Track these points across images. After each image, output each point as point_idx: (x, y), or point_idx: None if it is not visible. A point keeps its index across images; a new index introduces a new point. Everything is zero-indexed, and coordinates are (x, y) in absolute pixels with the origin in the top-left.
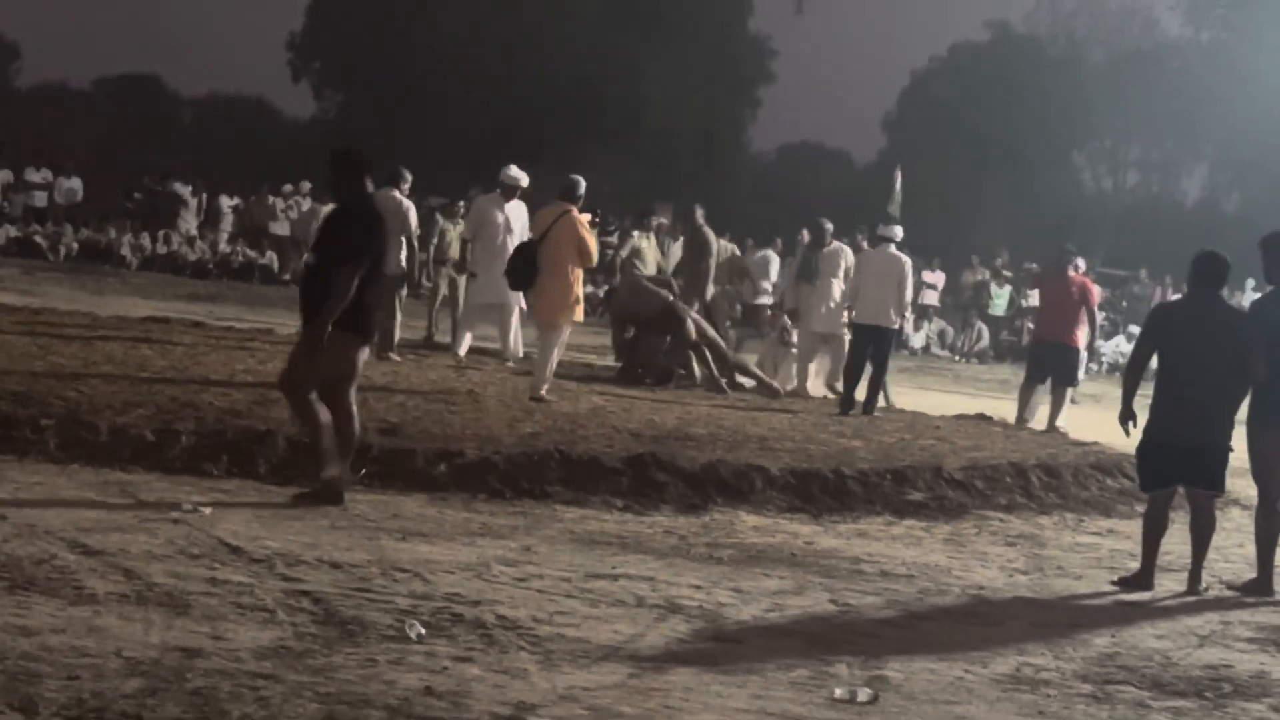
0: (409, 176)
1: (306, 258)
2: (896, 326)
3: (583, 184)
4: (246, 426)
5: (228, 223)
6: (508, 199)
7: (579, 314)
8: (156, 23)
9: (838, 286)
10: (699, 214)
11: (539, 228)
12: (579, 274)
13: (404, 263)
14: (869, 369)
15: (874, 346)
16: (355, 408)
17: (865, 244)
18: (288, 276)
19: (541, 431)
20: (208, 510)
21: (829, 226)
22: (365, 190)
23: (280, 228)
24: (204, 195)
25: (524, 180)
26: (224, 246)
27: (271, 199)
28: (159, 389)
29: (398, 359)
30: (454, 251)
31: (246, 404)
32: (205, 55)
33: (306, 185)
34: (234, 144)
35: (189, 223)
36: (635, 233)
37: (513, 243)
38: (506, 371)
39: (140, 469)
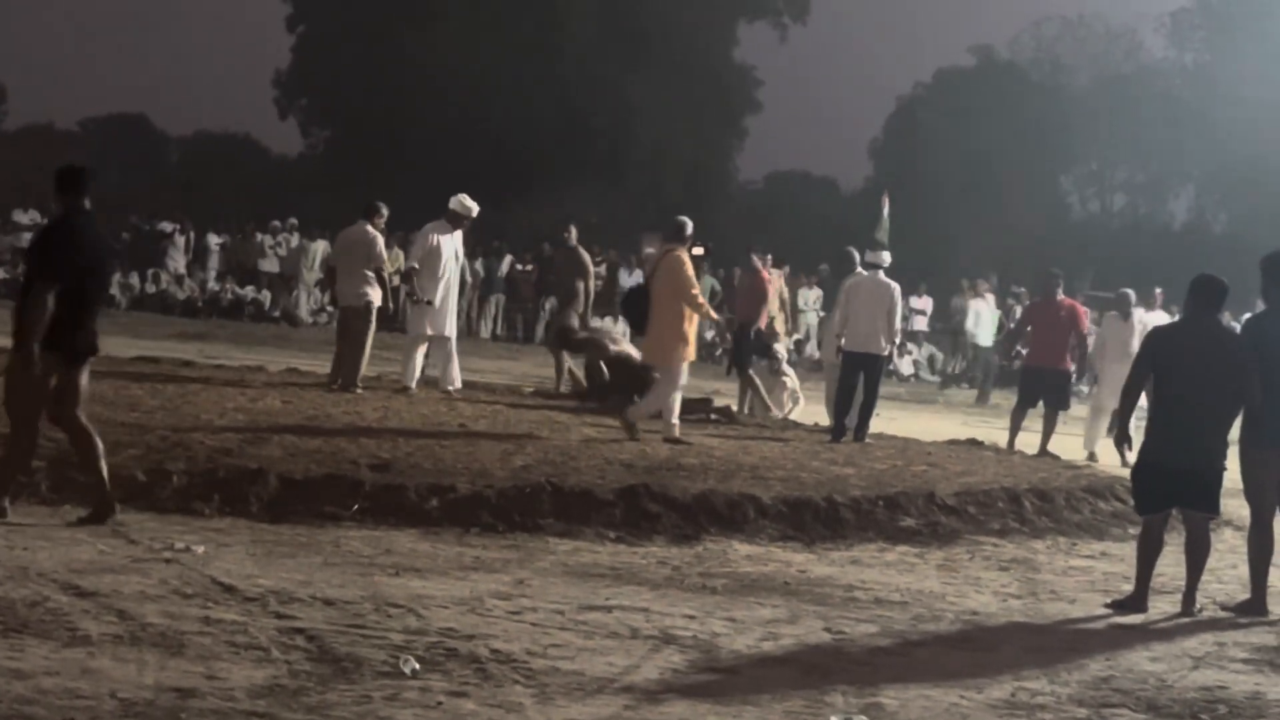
0: (384, 210)
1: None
2: (886, 354)
3: (689, 225)
4: (238, 465)
5: (215, 260)
6: (455, 228)
7: (690, 353)
8: (142, 62)
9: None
10: (573, 235)
11: (647, 270)
12: (688, 313)
13: (369, 295)
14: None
15: (864, 374)
16: (89, 426)
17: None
18: (277, 314)
19: (533, 464)
20: (200, 549)
21: (856, 255)
22: (74, 208)
23: (269, 264)
24: (192, 233)
25: (475, 210)
26: (212, 284)
27: (259, 236)
28: (150, 429)
29: (360, 392)
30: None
31: (237, 442)
32: (192, 94)
33: (294, 221)
34: (222, 181)
35: (177, 261)
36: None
37: (455, 272)
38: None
39: (132, 509)
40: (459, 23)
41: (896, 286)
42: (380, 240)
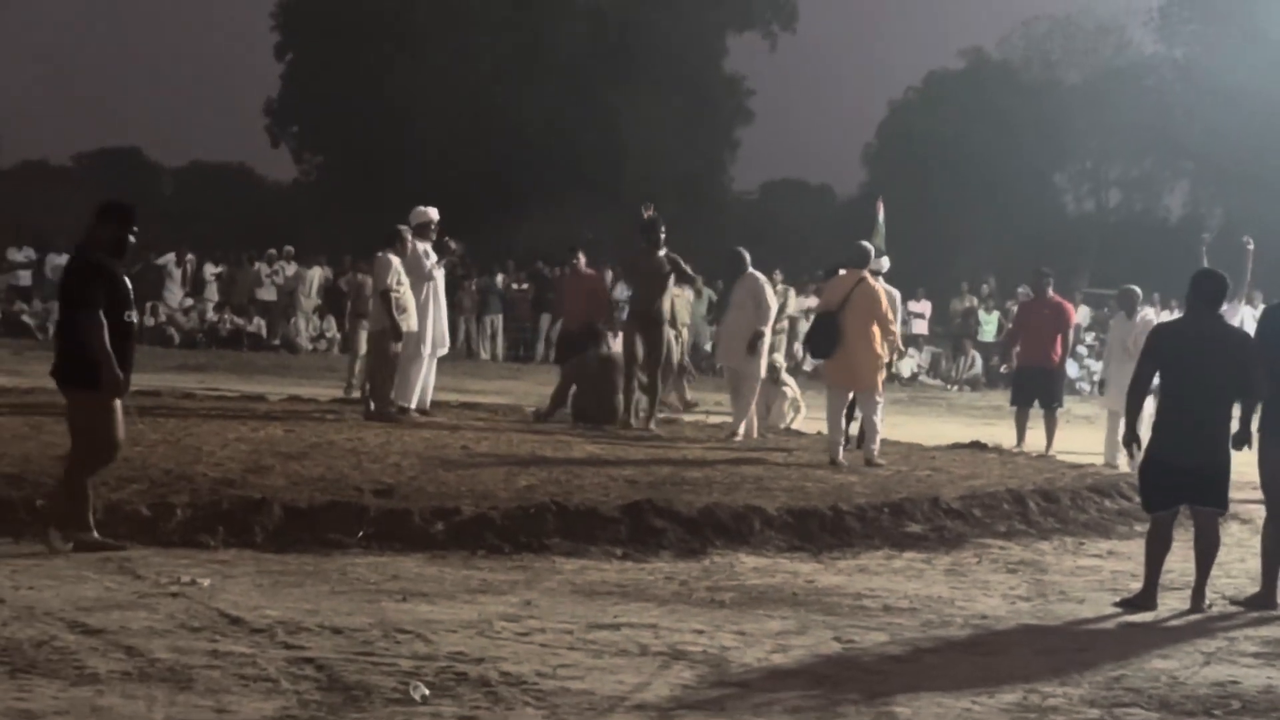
0: (406, 235)
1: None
2: (886, 360)
3: (872, 250)
4: (241, 496)
5: (212, 290)
6: (423, 240)
7: (883, 375)
8: (133, 95)
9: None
10: (581, 259)
11: (835, 297)
12: (880, 336)
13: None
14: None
15: None
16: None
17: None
18: (277, 342)
19: (537, 484)
20: (206, 582)
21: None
22: (93, 241)
23: (266, 293)
24: (189, 264)
25: (431, 214)
26: (210, 315)
27: (256, 265)
28: (152, 463)
29: (394, 413)
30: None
31: (240, 473)
32: (183, 125)
33: (290, 249)
34: (217, 211)
35: (175, 293)
36: None
37: (437, 286)
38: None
39: (137, 544)
40: (447, 44)
41: (895, 292)
42: (389, 265)
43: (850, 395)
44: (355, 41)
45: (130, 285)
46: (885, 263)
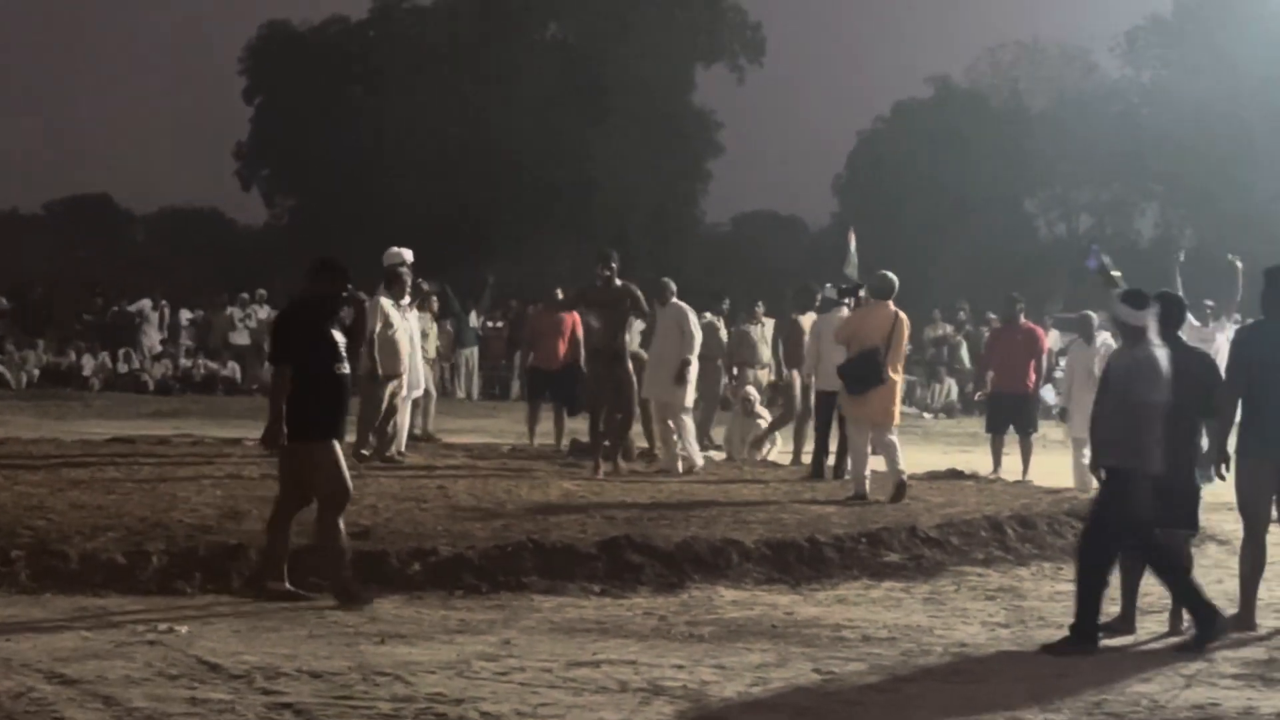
0: (406, 276)
1: None
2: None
3: (895, 280)
4: (217, 542)
5: (186, 336)
6: (398, 282)
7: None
8: (103, 142)
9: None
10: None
11: (875, 331)
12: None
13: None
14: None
15: (838, 411)
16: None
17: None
18: (255, 386)
19: (514, 522)
20: (184, 629)
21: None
22: (304, 297)
23: (240, 337)
24: (163, 310)
25: (405, 256)
26: (184, 360)
27: (229, 309)
28: (128, 511)
29: (366, 454)
30: None
31: (216, 519)
32: (153, 171)
33: (263, 293)
34: (189, 257)
35: (152, 339)
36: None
37: (410, 328)
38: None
39: (113, 593)
40: (415, 84)
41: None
42: (376, 308)
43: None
44: (324, 83)
45: (341, 338)
46: (830, 290)
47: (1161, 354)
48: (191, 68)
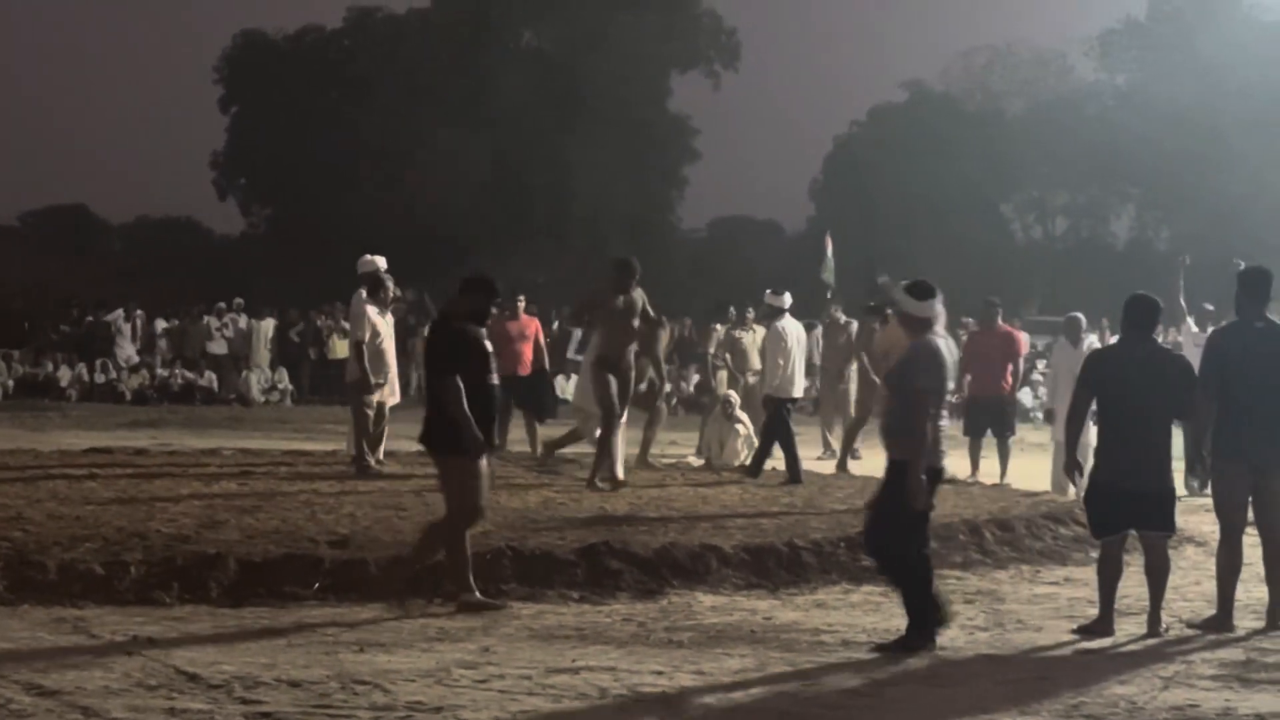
0: (388, 283)
1: None
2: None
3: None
4: (196, 551)
5: (163, 346)
6: (377, 288)
7: None
8: (79, 152)
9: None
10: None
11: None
12: None
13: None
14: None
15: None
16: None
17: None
18: (233, 396)
19: (492, 529)
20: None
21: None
22: (456, 309)
23: (217, 346)
24: (138, 320)
25: (379, 262)
26: (160, 370)
27: (206, 319)
28: (106, 521)
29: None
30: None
31: (194, 528)
32: (130, 180)
33: (240, 301)
34: (165, 266)
35: (127, 349)
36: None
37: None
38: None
39: (92, 603)
40: (391, 93)
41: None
42: (362, 316)
43: None
44: (300, 92)
45: (491, 349)
46: (788, 299)
47: (943, 344)
48: (167, 78)
